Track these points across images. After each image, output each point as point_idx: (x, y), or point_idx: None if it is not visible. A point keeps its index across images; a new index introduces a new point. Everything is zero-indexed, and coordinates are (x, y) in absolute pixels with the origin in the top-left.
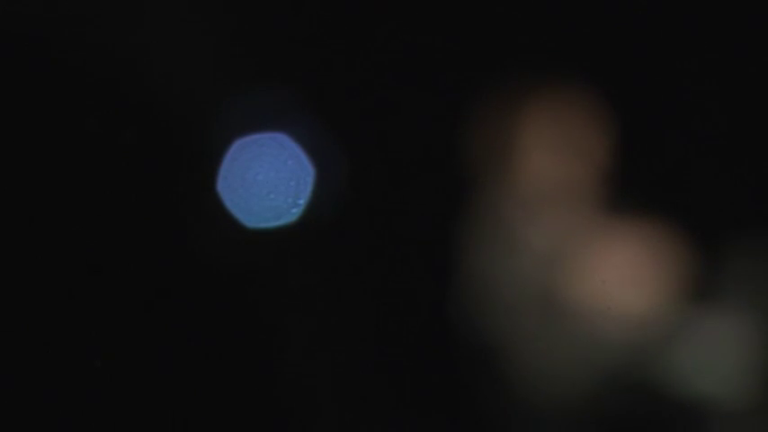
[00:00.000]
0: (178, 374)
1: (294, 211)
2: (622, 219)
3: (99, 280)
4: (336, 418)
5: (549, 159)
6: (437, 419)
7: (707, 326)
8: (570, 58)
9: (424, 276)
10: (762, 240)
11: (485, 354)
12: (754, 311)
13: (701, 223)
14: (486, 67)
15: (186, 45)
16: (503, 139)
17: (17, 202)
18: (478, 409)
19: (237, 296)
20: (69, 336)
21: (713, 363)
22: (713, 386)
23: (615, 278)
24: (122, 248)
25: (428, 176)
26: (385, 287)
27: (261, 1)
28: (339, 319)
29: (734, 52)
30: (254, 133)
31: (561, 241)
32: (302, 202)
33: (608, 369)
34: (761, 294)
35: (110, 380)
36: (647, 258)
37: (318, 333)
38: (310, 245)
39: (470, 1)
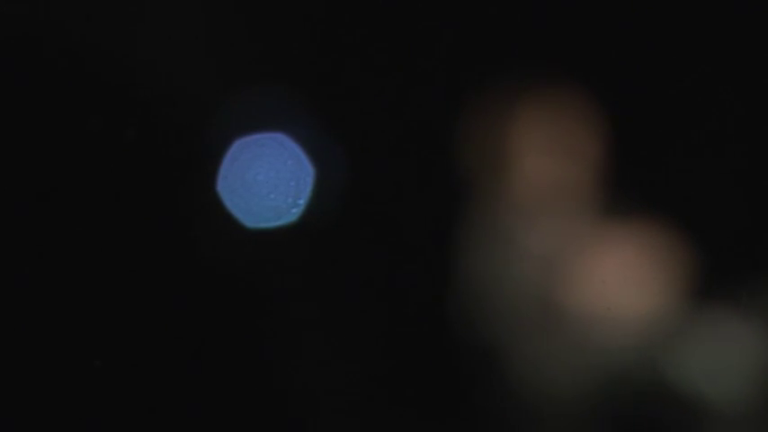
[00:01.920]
0: (178, 375)
1: (294, 211)
2: (621, 220)
3: (99, 279)
4: (336, 418)
5: (547, 161)
6: (438, 421)
7: (707, 326)
8: (567, 61)
9: (424, 277)
10: (761, 240)
11: (485, 355)
12: (754, 312)
13: (700, 223)
14: (484, 69)
15: (187, 45)
16: (502, 140)
17: (18, 201)
18: (479, 410)
19: (237, 296)
20: (69, 336)
21: (714, 364)
22: (714, 387)
23: (615, 279)
24: (122, 248)
25: (428, 177)
26: (385, 288)
27: (261, 1)
28: (339, 320)
29: (731, 52)
30: (254, 133)
31: (561, 243)
32: (302, 202)
33: (608, 370)
34: (760, 295)
35: (110, 380)
36: (646, 259)
37: (318, 333)
38: (310, 245)
39: (468, 3)
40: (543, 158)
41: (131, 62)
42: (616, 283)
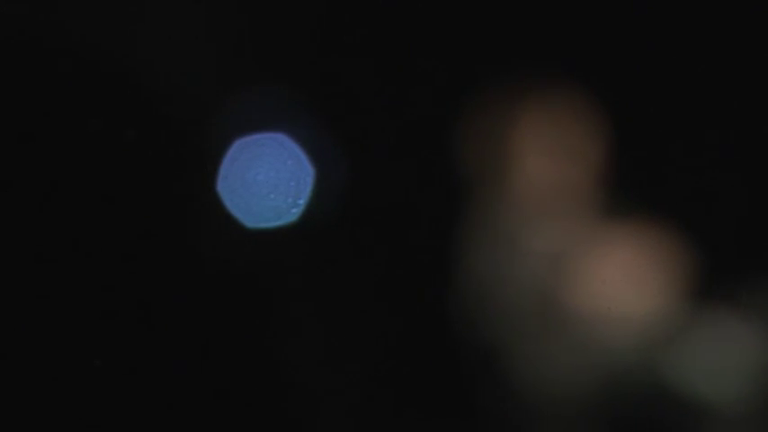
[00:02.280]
0: (178, 374)
1: (294, 211)
2: (622, 220)
3: (99, 279)
4: (336, 418)
5: (548, 162)
6: (439, 421)
7: (707, 326)
8: (568, 62)
9: (425, 278)
10: (761, 240)
11: (486, 355)
12: (754, 311)
13: (700, 223)
14: (485, 69)
15: (187, 46)
16: (503, 141)
17: (19, 201)
18: (481, 410)
19: (237, 296)
20: (69, 336)
21: (714, 363)
22: (714, 387)
23: (616, 279)
24: (123, 248)
25: (428, 177)
26: (385, 288)
27: (261, 2)
28: (339, 320)
29: (731, 52)
30: (254, 133)
31: (561, 243)
32: (302, 202)
33: (609, 370)
34: (760, 294)
35: (110, 380)
36: (647, 259)
37: (319, 333)
38: (310, 245)
39: (469, 4)
40: (544, 159)
41: (132, 63)
42: (617, 282)
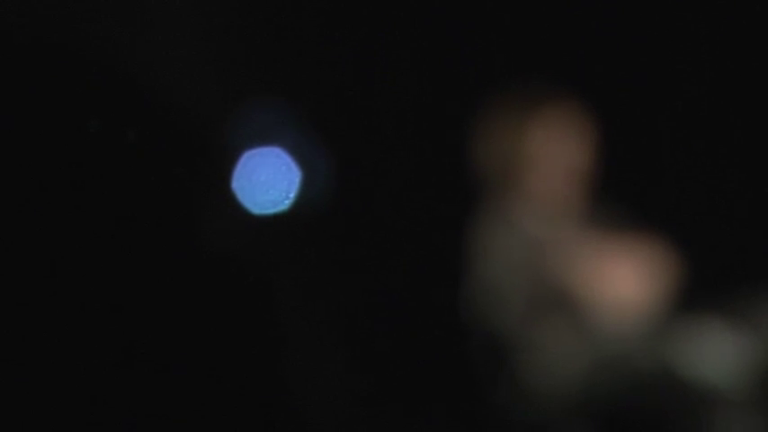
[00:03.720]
0: (178, 371)
1: (286, 202)
2: (624, 222)
3: (107, 272)
4: (337, 413)
5: (549, 165)
6: (442, 417)
7: (707, 325)
8: (573, 69)
9: (428, 279)
10: (759, 241)
11: (485, 352)
12: (752, 311)
13: (700, 225)
14: (485, 76)
15: (208, 79)
16: (504, 146)
17: (33, 200)
18: (483, 407)
19: (246, 276)
20: (71, 336)
21: (713, 362)
22: (714, 385)
23: (618, 279)
24: (156, 230)
25: (425, 178)
26: (380, 281)
27: (270, 37)
28: (335, 312)
29: (728, 62)
30: (258, 147)
31: (565, 244)
32: (292, 196)
33: (610, 368)
34: (758, 295)
35: (109, 379)
36: (649, 261)
37: (317, 324)
38: (300, 228)
39: (471, 12)
40: (546, 162)
41: (155, 100)
42: (619, 282)
